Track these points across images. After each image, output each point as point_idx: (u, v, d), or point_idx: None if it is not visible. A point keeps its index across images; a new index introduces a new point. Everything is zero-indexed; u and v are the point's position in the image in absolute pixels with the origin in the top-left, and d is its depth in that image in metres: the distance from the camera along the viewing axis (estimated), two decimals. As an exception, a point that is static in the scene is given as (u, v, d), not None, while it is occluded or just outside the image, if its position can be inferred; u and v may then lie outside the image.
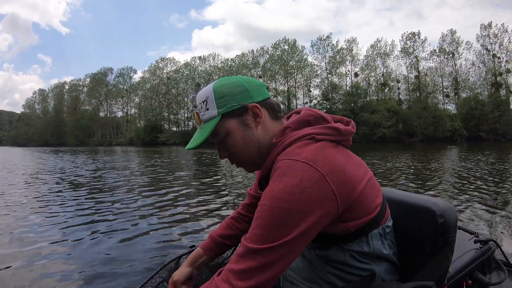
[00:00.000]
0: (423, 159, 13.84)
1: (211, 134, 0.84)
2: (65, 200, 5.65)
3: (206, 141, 0.85)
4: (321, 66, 62.57)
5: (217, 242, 1.15)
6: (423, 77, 56.06)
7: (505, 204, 4.68)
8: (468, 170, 9.14)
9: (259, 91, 0.86)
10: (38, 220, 4.21)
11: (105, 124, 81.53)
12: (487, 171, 8.80)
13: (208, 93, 0.84)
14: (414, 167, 10.37)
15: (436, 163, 11.79)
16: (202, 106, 0.85)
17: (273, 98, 0.97)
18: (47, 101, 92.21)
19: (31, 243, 3.29)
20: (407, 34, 57.62)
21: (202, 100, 0.85)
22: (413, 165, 11.19)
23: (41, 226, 3.93)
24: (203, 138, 0.82)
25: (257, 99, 0.85)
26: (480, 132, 45.73)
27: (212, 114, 0.83)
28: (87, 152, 29.52)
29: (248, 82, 0.86)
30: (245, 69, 65.96)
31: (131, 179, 8.59)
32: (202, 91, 0.86)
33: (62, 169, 12.00)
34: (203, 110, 0.85)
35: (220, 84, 0.84)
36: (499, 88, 51.34)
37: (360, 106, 54.39)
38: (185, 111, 71.85)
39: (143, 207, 4.94)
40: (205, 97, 0.84)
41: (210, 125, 0.83)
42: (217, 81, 0.87)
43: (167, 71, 73.77)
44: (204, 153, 21.43)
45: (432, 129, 47.34)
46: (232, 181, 7.80)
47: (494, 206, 4.49)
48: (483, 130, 45.76)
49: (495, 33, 52.92)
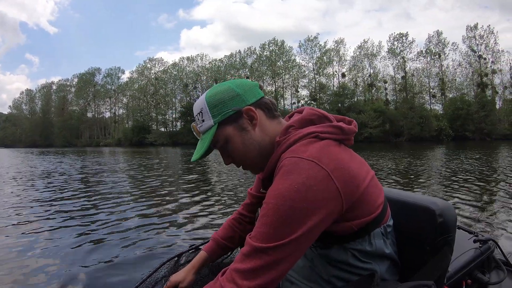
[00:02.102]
0: (413, 158, 13.40)
1: (212, 143, 0.83)
2: (61, 201, 5.35)
3: (209, 151, 0.85)
4: (308, 66, 62.15)
5: (220, 244, 1.14)
6: (410, 78, 55.77)
7: (505, 203, 4.49)
8: (464, 169, 8.72)
9: (251, 93, 0.85)
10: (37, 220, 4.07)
11: (93, 124, 79.46)
12: (483, 169, 8.56)
13: (202, 105, 0.84)
14: (403, 167, 9.97)
15: (427, 162, 11.50)
16: (198, 118, 0.85)
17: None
18: (35, 102, 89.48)
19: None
20: (394, 35, 57.37)
21: (197, 112, 0.85)
22: (402, 164, 10.79)
23: (41, 225, 3.86)
24: (204, 149, 0.82)
25: (251, 101, 0.84)
26: (466, 132, 45.79)
27: (209, 124, 0.83)
28: (82, 153, 28.08)
29: (239, 86, 0.85)
30: (233, 69, 65.17)
31: (125, 180, 8.22)
32: (196, 103, 0.86)
33: (55, 171, 11.13)
34: (200, 122, 0.85)
35: (211, 94, 0.84)
36: (485, 88, 51.38)
37: (347, 106, 53.66)
38: (173, 111, 70.89)
39: (141, 207, 4.82)
40: (199, 109, 0.84)
41: (208, 135, 0.83)
42: (208, 90, 0.86)
43: (155, 71, 72.51)
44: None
45: (419, 129, 47.14)
46: (231, 181, 7.60)
47: (493, 206, 4.40)
48: (469, 129, 45.80)
49: (481, 35, 53.13)
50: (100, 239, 3.27)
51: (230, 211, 4.37)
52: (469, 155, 14.14)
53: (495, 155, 14.54)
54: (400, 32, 57.16)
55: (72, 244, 3.13)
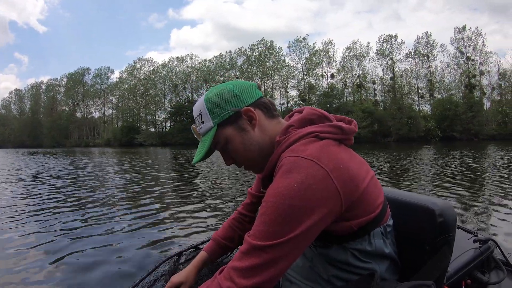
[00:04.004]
0: (401, 158, 13.32)
1: (212, 144, 0.83)
2: (57, 201, 5.27)
3: (210, 152, 0.86)
4: (297, 67, 61.35)
5: (220, 244, 1.13)
6: (399, 79, 55.20)
7: (505, 203, 4.49)
8: (453, 168, 8.74)
9: (250, 93, 0.84)
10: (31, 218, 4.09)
11: (82, 125, 77.34)
12: (475, 168, 8.59)
13: (201, 107, 0.83)
14: (392, 166, 9.90)
15: (417, 162, 11.51)
16: (198, 120, 0.85)
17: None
18: (24, 102, 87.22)
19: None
20: (383, 37, 56.81)
21: (197, 114, 0.85)
22: (391, 164, 10.72)
23: (39, 224, 3.86)
24: (204, 151, 0.82)
25: (249, 102, 0.83)
26: (453, 132, 45.65)
27: (208, 126, 0.83)
28: (72, 154, 26.96)
29: (237, 87, 0.84)
30: (223, 70, 64.12)
31: (120, 180, 8.09)
32: (196, 105, 0.86)
33: (49, 172, 10.49)
34: (199, 124, 0.85)
35: (210, 95, 0.83)
36: (473, 89, 51.10)
37: (335, 107, 52.78)
38: (162, 111, 69.46)
39: (141, 207, 4.75)
40: (198, 111, 0.84)
41: (208, 137, 0.82)
42: (207, 92, 0.86)
43: (144, 71, 71.03)
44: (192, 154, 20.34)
45: (407, 129, 46.82)
46: (231, 181, 7.59)
47: (493, 205, 4.36)
48: (456, 130, 45.71)
49: (468, 36, 52.90)
50: (100, 238, 3.26)
51: (230, 211, 4.25)
52: (457, 155, 14.09)
53: (485, 154, 14.41)
54: (389, 34, 56.78)
55: (72, 243, 3.11)
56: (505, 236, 3.08)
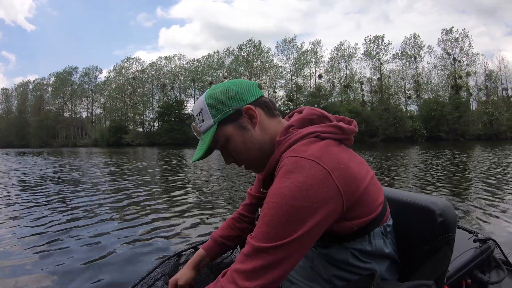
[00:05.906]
0: (391, 158, 13.17)
1: (212, 143, 0.82)
2: (60, 201, 5.15)
3: (210, 151, 0.84)
4: (285, 67, 60.35)
5: (218, 243, 1.12)
6: (386, 79, 54.55)
7: (504, 202, 4.44)
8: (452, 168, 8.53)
9: (250, 92, 0.83)
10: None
11: (70, 124, 75.11)
12: (470, 168, 8.53)
13: (202, 104, 0.82)
14: (382, 166, 9.80)
15: (404, 161, 11.51)
16: (198, 118, 0.84)
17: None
18: (11, 101, 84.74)
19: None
20: (370, 38, 56.14)
21: (197, 112, 0.84)
22: (382, 164, 10.59)
23: (41, 223, 3.83)
24: (204, 149, 0.81)
25: (250, 100, 0.82)
26: (440, 132, 45.36)
27: (209, 124, 0.81)
28: (62, 154, 25.47)
29: (238, 85, 0.83)
30: (211, 70, 62.83)
31: (117, 181, 7.84)
32: (196, 103, 0.85)
33: (46, 172, 10.34)
34: (200, 122, 0.83)
35: (211, 94, 0.82)
36: (459, 90, 50.67)
37: (322, 107, 51.61)
38: (150, 111, 67.70)
39: (140, 207, 4.70)
40: (199, 109, 0.83)
41: (208, 135, 0.81)
42: (208, 90, 0.84)
43: (132, 71, 69.19)
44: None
45: (393, 129, 46.27)
46: (231, 181, 7.46)
47: (492, 205, 4.31)
48: (442, 130, 45.51)
49: (455, 38, 52.53)
50: (100, 237, 3.24)
51: (231, 211, 4.18)
52: (442, 154, 14.13)
53: (472, 153, 14.39)
54: (376, 35, 56.18)
55: (71, 242, 3.09)
56: (505, 236, 3.05)
